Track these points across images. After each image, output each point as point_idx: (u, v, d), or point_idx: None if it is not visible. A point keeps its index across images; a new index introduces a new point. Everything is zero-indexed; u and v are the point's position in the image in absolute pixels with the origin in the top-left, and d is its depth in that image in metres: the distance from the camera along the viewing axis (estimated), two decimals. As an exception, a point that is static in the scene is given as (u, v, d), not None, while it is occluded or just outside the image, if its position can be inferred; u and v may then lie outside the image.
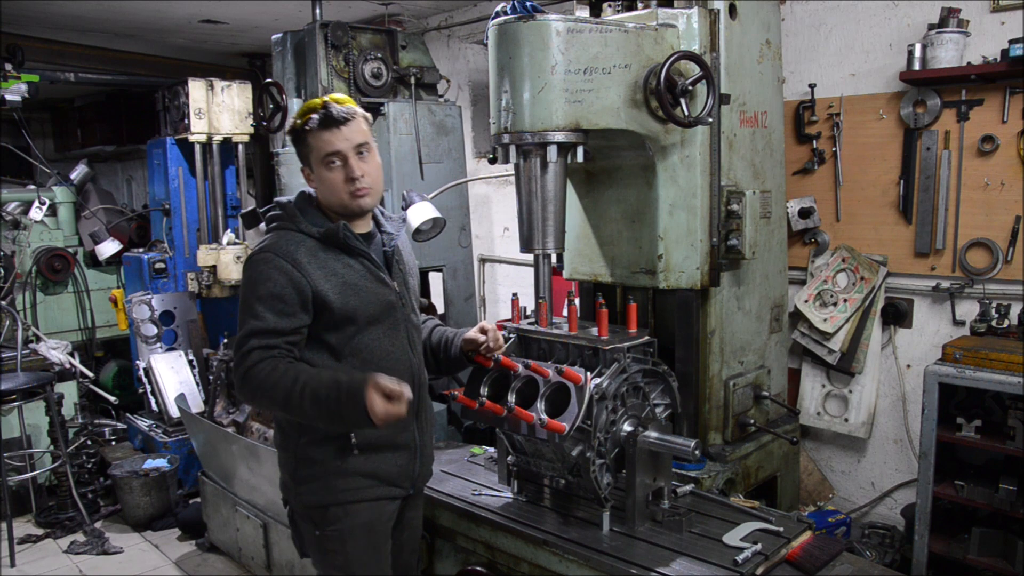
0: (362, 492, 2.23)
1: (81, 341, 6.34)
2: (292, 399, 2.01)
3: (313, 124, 2.13)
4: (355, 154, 2.16)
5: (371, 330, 2.20)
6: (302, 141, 2.18)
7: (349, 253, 2.20)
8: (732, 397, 2.97)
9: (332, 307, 2.12)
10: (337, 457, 2.19)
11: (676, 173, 2.81)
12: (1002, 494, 2.94)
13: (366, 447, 2.20)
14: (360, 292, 2.17)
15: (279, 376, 2.03)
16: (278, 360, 2.06)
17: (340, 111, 2.14)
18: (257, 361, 2.05)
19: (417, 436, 2.33)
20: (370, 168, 2.20)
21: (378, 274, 2.23)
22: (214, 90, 5.41)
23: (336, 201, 2.19)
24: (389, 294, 2.24)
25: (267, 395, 2.05)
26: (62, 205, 6.42)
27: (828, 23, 3.70)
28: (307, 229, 2.18)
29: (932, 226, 3.44)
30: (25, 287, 6.08)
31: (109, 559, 4.36)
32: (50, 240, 6.28)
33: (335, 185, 2.16)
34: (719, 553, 2.26)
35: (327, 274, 2.14)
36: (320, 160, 2.15)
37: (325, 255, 2.16)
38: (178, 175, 5.63)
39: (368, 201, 2.21)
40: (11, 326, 5.44)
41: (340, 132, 2.13)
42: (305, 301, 2.10)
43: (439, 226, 3.90)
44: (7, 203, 6.16)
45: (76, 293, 6.40)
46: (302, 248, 2.15)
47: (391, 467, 2.26)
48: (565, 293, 2.64)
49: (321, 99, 2.18)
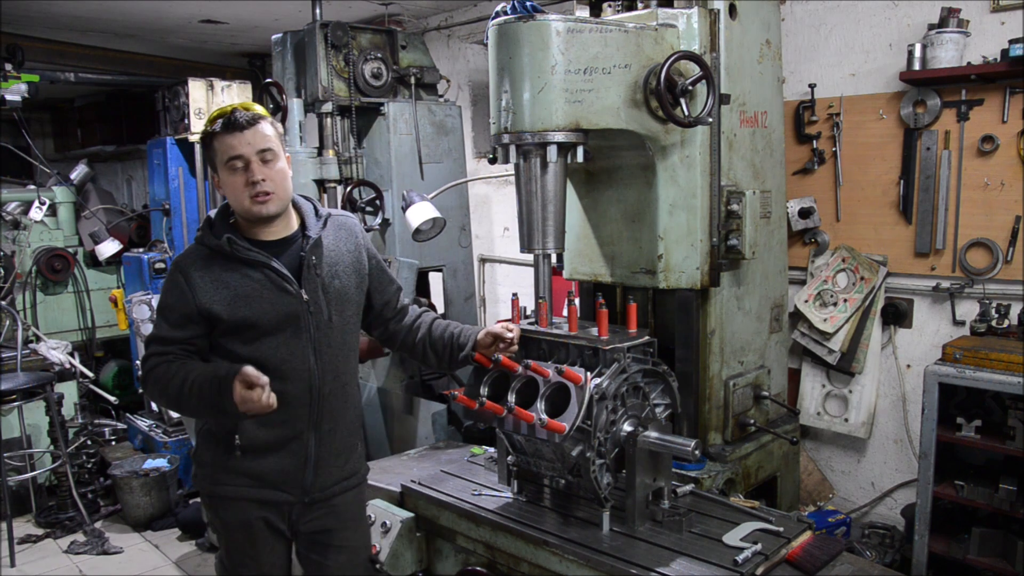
0: (242, 491, 2.29)
1: (81, 341, 6.34)
2: (183, 396, 2.15)
3: (217, 128, 2.17)
4: (258, 159, 2.17)
5: (268, 339, 2.22)
6: (209, 146, 2.21)
7: (247, 264, 2.22)
8: (732, 397, 2.97)
9: (221, 318, 2.19)
10: (224, 453, 2.28)
11: (676, 173, 2.81)
12: (1002, 494, 2.94)
13: (248, 448, 2.26)
14: (253, 303, 2.20)
15: (171, 376, 2.16)
16: (171, 363, 2.19)
17: (244, 116, 2.17)
18: (154, 366, 2.20)
19: (313, 445, 2.32)
20: (273, 174, 2.20)
21: (280, 283, 2.23)
22: (214, 90, 5.42)
23: (239, 207, 2.22)
24: (291, 303, 2.24)
25: (164, 395, 2.21)
26: (62, 205, 6.42)
27: (828, 23, 3.70)
28: (208, 241, 2.24)
29: (932, 226, 3.44)
30: (25, 287, 6.08)
31: (109, 559, 4.37)
32: (50, 240, 6.28)
33: (236, 189, 2.19)
34: (719, 553, 2.25)
35: (218, 286, 2.20)
36: (223, 164, 2.19)
37: (222, 267, 2.22)
38: (178, 175, 5.63)
39: (270, 207, 2.21)
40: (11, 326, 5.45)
41: (243, 136, 2.15)
42: (190, 314, 2.20)
43: (439, 226, 3.90)
44: (7, 203, 6.16)
45: (76, 293, 6.40)
46: (199, 261, 2.23)
47: (275, 471, 2.29)
48: (565, 293, 2.63)
49: (230, 106, 2.22)
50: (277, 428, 2.26)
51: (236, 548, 2.37)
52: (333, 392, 2.33)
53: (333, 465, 2.38)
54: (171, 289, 2.23)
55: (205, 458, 2.34)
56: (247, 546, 2.34)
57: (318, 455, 2.33)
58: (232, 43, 6.48)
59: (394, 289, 2.56)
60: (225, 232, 2.23)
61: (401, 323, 2.58)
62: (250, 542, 2.33)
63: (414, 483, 2.86)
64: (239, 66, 7.01)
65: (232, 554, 2.38)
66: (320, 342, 2.28)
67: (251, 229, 2.26)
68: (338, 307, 2.33)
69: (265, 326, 2.21)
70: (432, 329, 2.55)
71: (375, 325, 2.58)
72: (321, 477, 2.35)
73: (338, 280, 2.33)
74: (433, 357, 2.56)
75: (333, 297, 2.31)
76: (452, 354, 2.52)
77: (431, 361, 2.59)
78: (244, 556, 2.35)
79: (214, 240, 2.22)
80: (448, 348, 2.52)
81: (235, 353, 2.21)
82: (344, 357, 2.37)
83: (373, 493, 2.92)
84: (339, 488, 2.41)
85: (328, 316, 2.30)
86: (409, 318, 2.59)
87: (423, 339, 2.55)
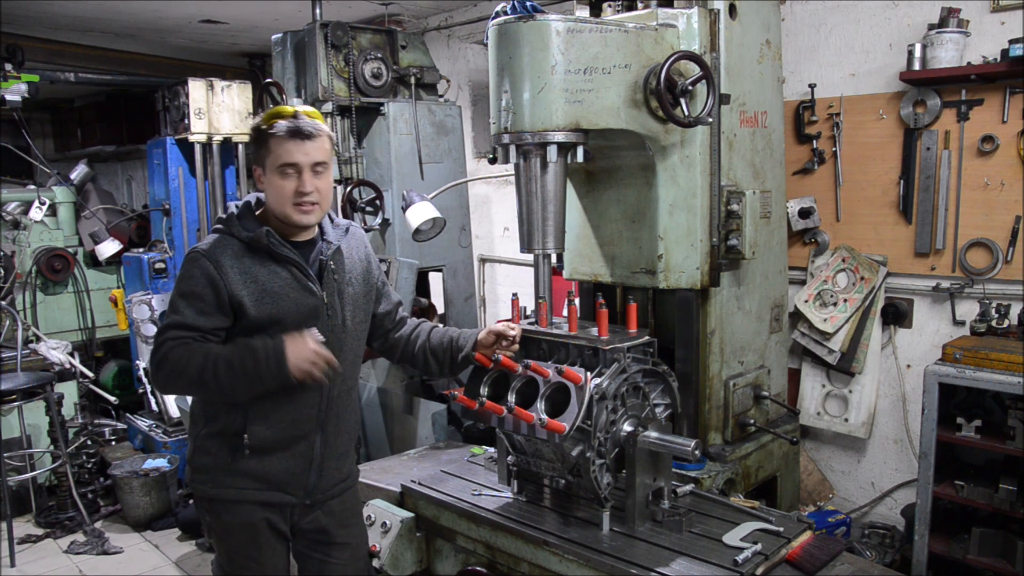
0: (247, 493, 2.28)
1: (81, 341, 6.34)
2: (206, 370, 2.09)
3: (280, 131, 2.15)
4: (311, 170, 2.19)
5: None
6: (263, 143, 2.19)
7: (276, 260, 2.22)
8: (732, 397, 2.97)
9: (248, 313, 2.17)
10: (229, 454, 2.26)
11: (676, 173, 2.81)
12: (1002, 494, 2.94)
13: (257, 448, 2.25)
14: (279, 300, 2.20)
15: (191, 354, 2.11)
16: (190, 344, 2.13)
17: (310, 126, 2.17)
18: (171, 348, 2.13)
19: (319, 447, 2.33)
20: (322, 186, 2.23)
21: (305, 283, 2.25)
22: (214, 90, 5.41)
23: (279, 209, 2.23)
24: (314, 303, 2.26)
25: (181, 374, 2.12)
26: (62, 205, 6.42)
27: (828, 23, 3.70)
28: (238, 233, 2.23)
29: (932, 226, 3.44)
30: (25, 287, 6.08)
31: (109, 559, 4.37)
32: (50, 240, 6.28)
33: (283, 194, 2.19)
34: (719, 553, 2.25)
35: (247, 280, 2.18)
36: (275, 167, 2.18)
37: (251, 260, 2.20)
38: (178, 175, 5.62)
39: (312, 218, 2.24)
40: (11, 326, 5.45)
41: (303, 146, 2.16)
42: (222, 303, 2.16)
43: (439, 226, 3.90)
44: (7, 203, 6.16)
45: (76, 293, 6.40)
46: (228, 251, 2.20)
47: (280, 472, 2.29)
48: (565, 293, 2.63)
49: (293, 108, 2.21)
50: (285, 428, 2.27)
51: (238, 551, 2.35)
52: (341, 395, 2.37)
53: (335, 467, 2.41)
54: (196, 276, 2.17)
55: (205, 462, 2.31)
56: (250, 549, 2.33)
57: (323, 457, 2.35)
58: (232, 43, 6.48)
59: (395, 300, 2.62)
60: (256, 227, 2.23)
61: (400, 333, 2.61)
62: (253, 544, 2.33)
63: (414, 483, 2.86)
64: (239, 66, 7.01)
65: (234, 558, 2.36)
66: (333, 345, 2.29)
67: (281, 229, 2.27)
68: (352, 312, 2.37)
69: (287, 324, 2.20)
70: (431, 336, 2.58)
71: (376, 335, 2.61)
72: (324, 479, 2.38)
73: (352, 287, 2.38)
74: (434, 363, 2.58)
75: (348, 302, 2.36)
76: (452, 357, 2.53)
77: (433, 368, 2.61)
78: (247, 559, 2.34)
79: (245, 233, 2.22)
80: (448, 351, 2.54)
81: None
82: (352, 361, 2.42)
83: (373, 493, 2.92)
84: (338, 489, 2.45)
85: (342, 320, 2.34)
86: (407, 328, 2.62)
87: (423, 347, 2.58)
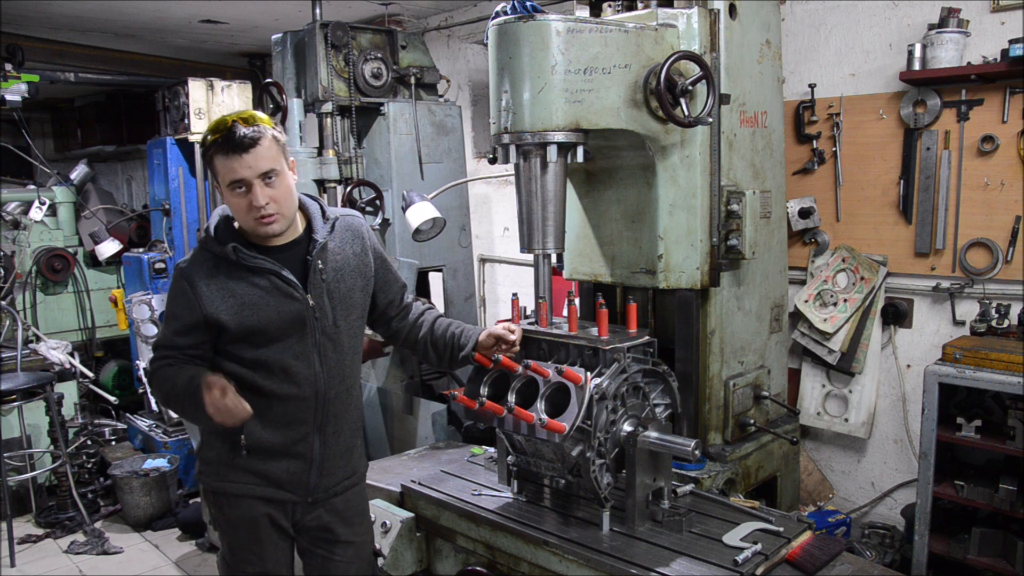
0: (247, 488, 2.30)
1: (81, 341, 6.34)
2: (171, 397, 2.21)
3: (218, 148, 2.06)
4: (260, 182, 2.09)
5: (275, 344, 2.22)
6: (209, 161, 2.12)
7: (252, 271, 2.20)
8: (732, 397, 2.97)
9: (228, 327, 2.18)
10: (230, 451, 2.28)
11: (676, 173, 2.81)
12: (1002, 494, 2.94)
13: (254, 449, 2.26)
14: (259, 311, 2.19)
15: (170, 378, 2.20)
16: (172, 366, 2.21)
17: (244, 135, 2.05)
18: (158, 368, 2.24)
19: (318, 448, 2.32)
20: (278, 193, 2.13)
21: (286, 289, 2.21)
22: (214, 90, 5.41)
23: (244, 224, 2.20)
24: (297, 309, 2.22)
25: (163, 396, 2.28)
26: (62, 205, 6.42)
27: (828, 23, 3.70)
28: (213, 248, 2.21)
29: (932, 226, 3.44)
30: (25, 287, 6.08)
31: (109, 559, 4.37)
32: (50, 240, 6.28)
33: (240, 211, 2.15)
34: (719, 553, 2.25)
35: (224, 295, 2.17)
36: (226, 185, 2.12)
37: (227, 274, 2.19)
38: (178, 175, 5.62)
39: (276, 227, 2.18)
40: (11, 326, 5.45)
41: (243, 159, 2.05)
42: (197, 323, 2.19)
43: (439, 226, 3.90)
44: (7, 203, 6.16)
45: (76, 293, 6.40)
46: (204, 268, 2.20)
47: (280, 472, 2.30)
48: (565, 293, 2.63)
49: (230, 117, 2.09)
50: (282, 430, 2.27)
51: (240, 545, 2.36)
52: (338, 395, 2.34)
53: (336, 466, 2.39)
54: (176, 297, 2.22)
55: (210, 455, 2.34)
56: (251, 543, 2.34)
57: (323, 457, 2.34)
58: (232, 43, 6.48)
59: (398, 287, 2.55)
60: (230, 239, 2.20)
61: (404, 320, 2.57)
62: (255, 539, 2.33)
63: (414, 483, 2.86)
64: (239, 66, 7.01)
65: (235, 551, 2.38)
66: (325, 346, 2.28)
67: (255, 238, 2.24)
68: (343, 311, 2.32)
69: (271, 332, 2.20)
70: (434, 328, 2.55)
71: (379, 323, 2.58)
72: (325, 478, 2.37)
73: (343, 284, 2.32)
74: (434, 355, 2.57)
75: (338, 301, 2.31)
76: (453, 353, 2.52)
77: (432, 359, 2.59)
78: (248, 553, 2.35)
79: (219, 247, 2.20)
80: (449, 347, 2.53)
81: (241, 357, 2.22)
82: (349, 360, 2.38)
83: (373, 493, 2.92)
84: (341, 487, 2.42)
85: (333, 320, 2.30)
86: (412, 315, 2.58)
87: (425, 337, 2.55)
